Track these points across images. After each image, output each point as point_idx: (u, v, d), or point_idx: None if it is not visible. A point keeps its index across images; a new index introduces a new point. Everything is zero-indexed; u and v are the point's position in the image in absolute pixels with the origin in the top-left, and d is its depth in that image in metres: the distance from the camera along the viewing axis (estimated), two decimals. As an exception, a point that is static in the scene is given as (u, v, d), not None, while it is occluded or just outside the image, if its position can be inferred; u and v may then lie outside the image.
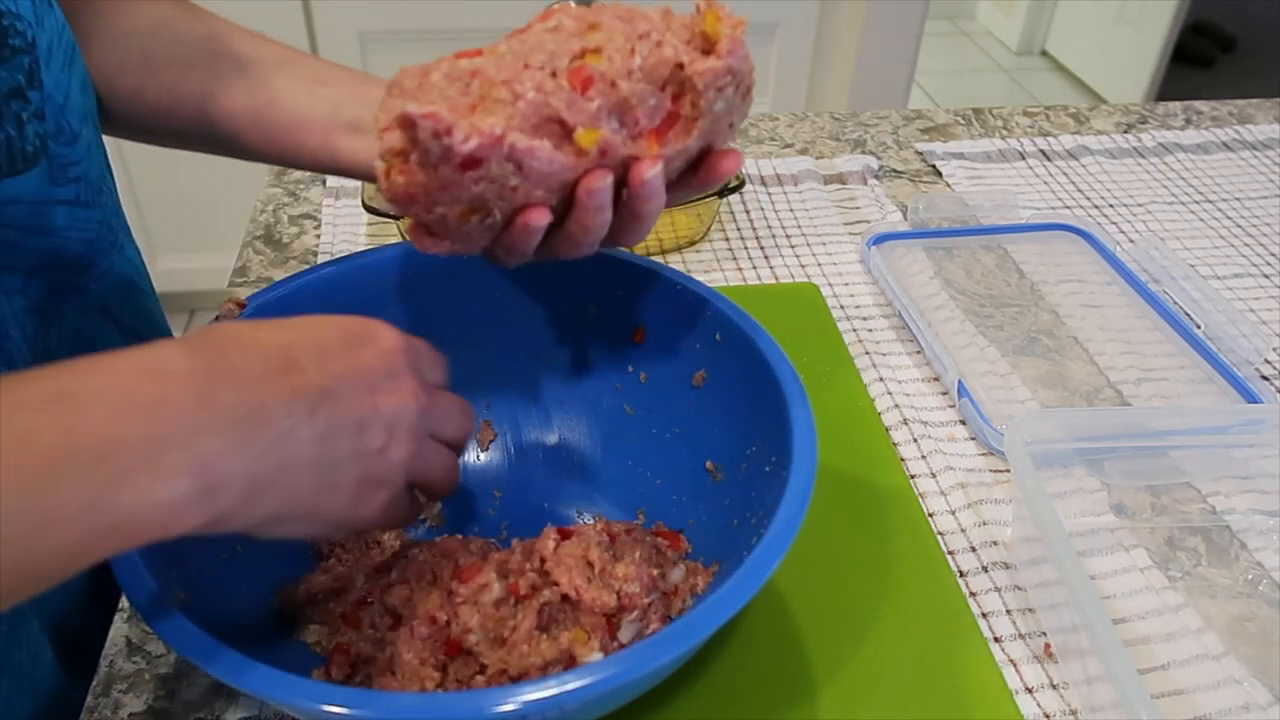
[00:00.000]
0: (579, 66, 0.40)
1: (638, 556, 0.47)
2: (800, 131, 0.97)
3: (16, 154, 0.43)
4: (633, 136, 0.41)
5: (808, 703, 0.47)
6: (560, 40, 0.41)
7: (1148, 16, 2.67)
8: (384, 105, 0.43)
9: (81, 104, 0.47)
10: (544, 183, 0.41)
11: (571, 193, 0.42)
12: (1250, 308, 0.75)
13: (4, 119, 0.42)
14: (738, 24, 0.41)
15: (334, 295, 0.51)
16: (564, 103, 0.40)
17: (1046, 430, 0.56)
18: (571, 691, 0.33)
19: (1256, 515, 0.57)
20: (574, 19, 0.42)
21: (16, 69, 0.42)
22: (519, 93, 0.39)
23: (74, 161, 0.47)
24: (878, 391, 0.65)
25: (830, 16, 1.66)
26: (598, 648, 0.44)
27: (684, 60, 0.41)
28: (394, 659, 0.43)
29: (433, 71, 0.42)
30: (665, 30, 0.42)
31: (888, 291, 0.72)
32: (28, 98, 0.43)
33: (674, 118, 0.42)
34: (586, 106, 0.40)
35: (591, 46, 0.41)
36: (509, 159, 0.39)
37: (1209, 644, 0.50)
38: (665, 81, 0.41)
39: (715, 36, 0.41)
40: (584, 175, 0.41)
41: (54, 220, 0.46)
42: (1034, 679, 0.49)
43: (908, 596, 0.52)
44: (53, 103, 0.45)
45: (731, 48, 0.41)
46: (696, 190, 0.45)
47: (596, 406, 0.55)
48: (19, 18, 0.43)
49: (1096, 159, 0.93)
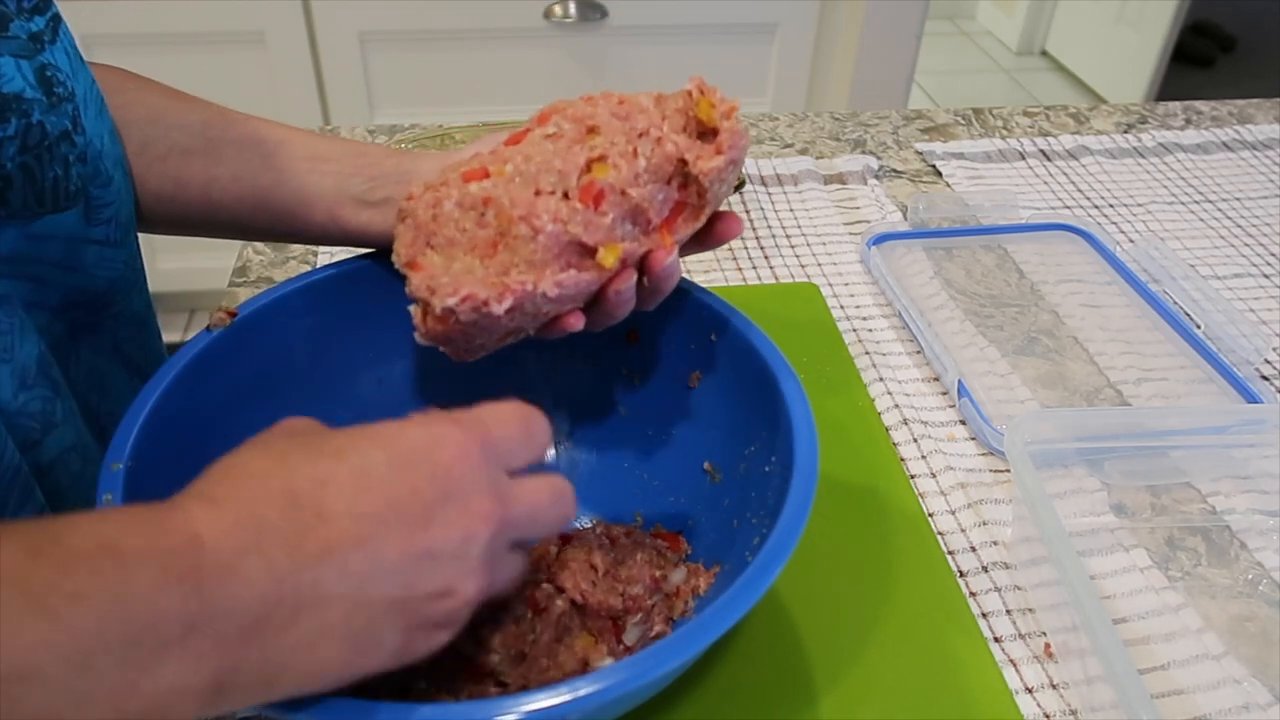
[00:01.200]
0: (589, 183, 0.42)
1: (639, 559, 0.47)
2: (800, 131, 0.97)
3: (61, 193, 0.44)
4: (646, 233, 0.43)
5: (807, 702, 0.47)
6: (563, 150, 0.43)
7: (1148, 16, 2.67)
8: (399, 236, 0.45)
9: (113, 151, 0.49)
10: (572, 300, 0.43)
11: (598, 291, 0.44)
12: (1250, 308, 0.75)
13: (55, 160, 0.43)
14: (731, 110, 0.43)
15: (326, 302, 0.51)
16: (581, 226, 0.41)
17: (1046, 430, 0.56)
18: (588, 696, 0.33)
19: (1256, 515, 0.57)
20: (571, 122, 0.44)
21: (64, 115, 0.44)
22: (538, 227, 0.41)
23: (108, 204, 0.48)
24: (878, 391, 0.65)
25: (830, 16, 1.65)
26: (607, 652, 0.44)
27: (686, 156, 0.43)
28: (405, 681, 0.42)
29: (444, 199, 0.43)
30: (661, 121, 0.43)
31: (888, 291, 0.72)
32: (74, 142, 0.45)
33: (682, 205, 0.44)
34: (602, 222, 0.42)
35: (596, 155, 0.42)
36: (541, 298, 0.41)
37: (1209, 644, 0.50)
38: (670, 175, 0.43)
39: (711, 123, 0.43)
40: (609, 280, 0.43)
41: (85, 258, 0.48)
42: (1034, 679, 0.49)
43: (908, 597, 0.52)
44: (92, 148, 0.47)
45: (732, 140, 0.42)
46: (699, 251, 0.48)
47: (590, 409, 0.55)
48: (59, 69, 0.45)
49: (1096, 159, 0.93)
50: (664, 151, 0.42)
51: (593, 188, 0.42)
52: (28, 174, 0.42)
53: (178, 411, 0.44)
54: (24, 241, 0.44)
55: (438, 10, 1.54)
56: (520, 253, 0.41)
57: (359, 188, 0.51)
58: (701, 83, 0.44)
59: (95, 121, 0.48)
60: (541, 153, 0.43)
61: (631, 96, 0.44)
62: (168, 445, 0.43)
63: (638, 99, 0.44)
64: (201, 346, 0.46)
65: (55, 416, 0.46)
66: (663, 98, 0.44)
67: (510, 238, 0.42)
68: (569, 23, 1.55)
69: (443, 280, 0.42)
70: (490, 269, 0.42)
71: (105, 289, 0.50)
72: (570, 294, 0.42)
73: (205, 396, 0.46)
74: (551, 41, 1.58)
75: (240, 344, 0.48)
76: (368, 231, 0.51)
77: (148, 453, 0.41)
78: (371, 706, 0.33)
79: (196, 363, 0.45)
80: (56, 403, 0.46)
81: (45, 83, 0.44)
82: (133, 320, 0.54)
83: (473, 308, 0.40)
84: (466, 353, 0.45)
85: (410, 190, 0.45)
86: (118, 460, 0.40)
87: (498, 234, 0.42)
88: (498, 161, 0.43)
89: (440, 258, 0.43)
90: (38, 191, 0.43)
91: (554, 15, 1.54)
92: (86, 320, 0.50)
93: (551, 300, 0.42)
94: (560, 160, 0.42)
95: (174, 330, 1.90)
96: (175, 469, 0.43)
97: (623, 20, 1.58)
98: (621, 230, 0.42)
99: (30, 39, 0.44)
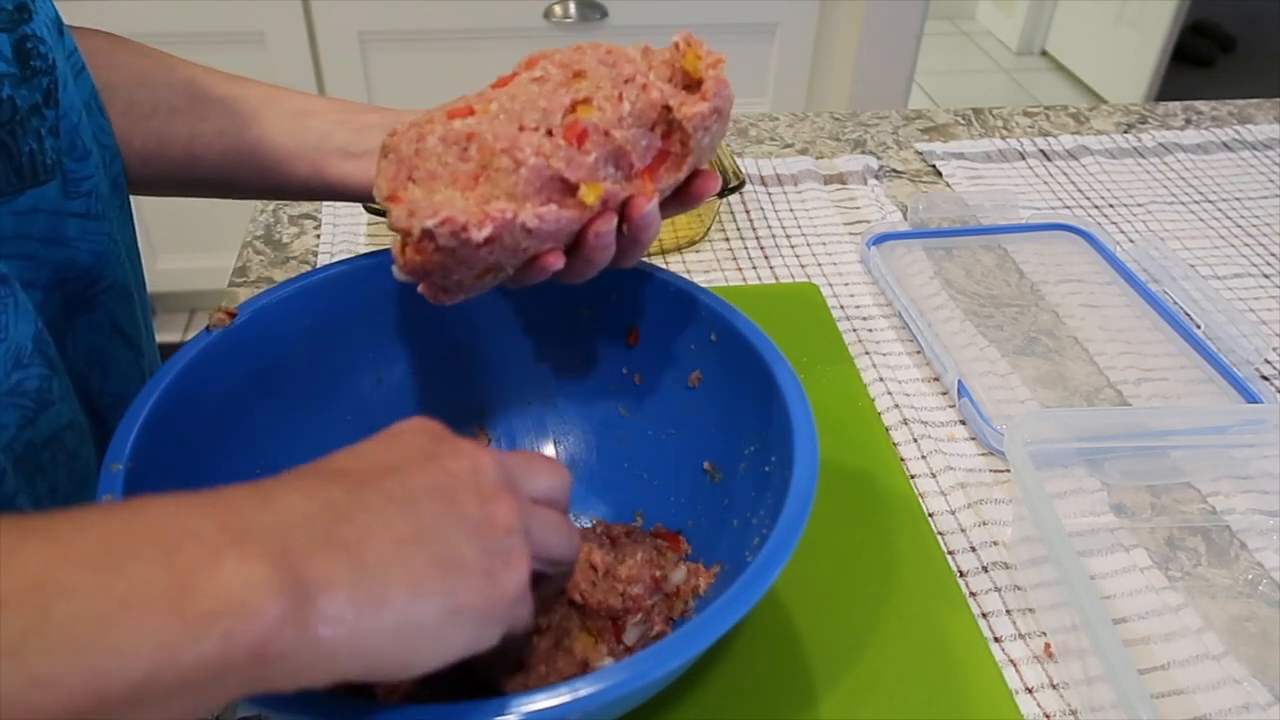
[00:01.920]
0: (573, 122, 0.42)
1: (639, 558, 0.47)
2: (800, 131, 0.97)
3: (39, 167, 0.45)
4: (628, 177, 0.43)
5: (807, 702, 0.47)
6: (549, 92, 0.43)
7: (1148, 16, 2.67)
8: (381, 170, 0.44)
9: (91, 123, 0.49)
10: (553, 238, 0.43)
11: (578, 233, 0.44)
12: (1250, 308, 0.75)
13: (28, 134, 0.44)
14: (717, 61, 0.43)
15: (326, 302, 0.51)
16: (564, 162, 0.41)
17: (1046, 430, 0.56)
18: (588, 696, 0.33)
19: (1256, 515, 0.57)
20: (559, 67, 0.44)
21: (36, 89, 0.44)
22: (520, 160, 0.41)
23: (86, 176, 0.48)
24: (878, 391, 0.65)
25: (830, 16, 1.66)
26: (607, 652, 0.44)
27: (671, 102, 0.43)
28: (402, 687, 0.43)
29: (428, 134, 0.43)
30: (648, 70, 0.44)
31: (888, 291, 0.72)
32: (44, 115, 0.45)
33: (665, 154, 0.44)
34: (585, 160, 0.42)
35: (581, 97, 0.43)
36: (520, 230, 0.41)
37: (1209, 644, 0.50)
38: (655, 122, 0.43)
39: (696, 74, 0.43)
40: (590, 221, 0.43)
41: (67, 232, 0.48)
42: (1034, 679, 0.49)
43: (908, 597, 0.52)
44: (67, 120, 0.47)
45: (716, 89, 0.43)
46: (679, 211, 0.48)
47: (591, 409, 0.55)
48: (41, 40, 0.45)
49: (1096, 159, 0.93)
50: (649, 98, 0.43)
51: (576, 126, 0.42)
52: (3, 149, 0.43)
53: (177, 412, 0.44)
54: (11, 219, 0.44)
55: (438, 10, 1.54)
56: (501, 185, 0.41)
57: (343, 139, 0.52)
58: (689, 35, 0.44)
59: (72, 93, 0.48)
60: (527, 93, 0.43)
61: (619, 47, 0.45)
62: (168, 445, 0.43)
63: (625, 50, 0.44)
64: (201, 346, 0.46)
65: (51, 394, 0.46)
66: (650, 50, 0.45)
67: (492, 170, 0.41)
68: (569, 23, 1.55)
69: (423, 205, 0.41)
70: (471, 200, 0.42)
71: (91, 263, 0.50)
72: (550, 229, 0.42)
73: (205, 397, 0.46)
74: (551, 41, 1.58)
75: (240, 344, 0.48)
76: (349, 183, 0.52)
77: (147, 453, 0.41)
78: (372, 707, 0.33)
79: (196, 363, 0.45)
80: (53, 380, 0.46)
81: (22, 55, 0.43)
82: (124, 295, 0.54)
83: (451, 232, 0.40)
84: (444, 292, 0.44)
85: (394, 128, 0.45)
86: (117, 461, 0.40)
87: (479, 167, 0.42)
88: (483, 101, 0.43)
89: (421, 191, 0.43)
90: (15, 165, 0.43)
91: (554, 15, 1.54)
92: (80, 296, 0.50)
93: (531, 234, 0.41)
94: (545, 100, 0.42)
95: (174, 330, 1.90)
96: (175, 469, 0.43)
97: (623, 20, 1.59)
98: (604, 171, 0.42)
99: (16, 10, 0.44)
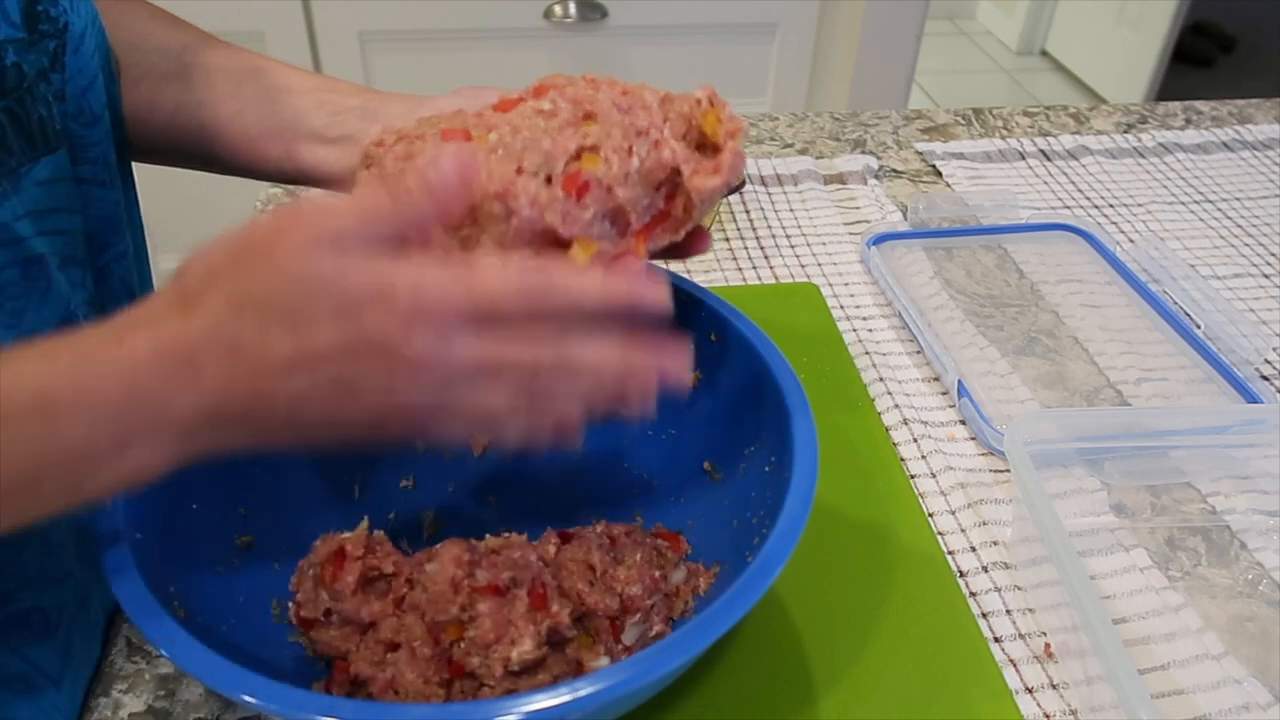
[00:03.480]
0: (575, 172, 0.39)
1: (639, 558, 0.47)
2: (800, 131, 0.97)
3: (50, 133, 0.43)
4: (621, 235, 0.41)
5: (808, 702, 0.47)
6: (554, 131, 0.39)
7: (1148, 17, 2.67)
8: (361, 182, 0.42)
9: (103, 90, 0.48)
10: None
11: None
12: (1250, 308, 0.75)
13: (36, 100, 0.42)
14: (736, 131, 0.40)
15: None
16: (559, 216, 0.38)
17: (1046, 430, 0.56)
18: (588, 696, 0.33)
19: (1256, 515, 0.57)
20: (570, 103, 0.40)
21: (43, 52, 0.43)
22: (514, 209, 0.38)
23: (95, 142, 0.47)
24: (878, 391, 0.65)
25: (830, 16, 1.65)
26: (603, 652, 0.44)
27: (683, 168, 0.40)
28: (395, 679, 0.43)
29: (416, 154, 0.40)
30: (663, 124, 0.40)
31: (888, 291, 0.72)
32: (50, 80, 0.43)
33: (664, 215, 0.41)
34: (581, 216, 0.39)
35: (588, 144, 0.39)
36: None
37: (1209, 644, 0.50)
38: (661, 183, 0.41)
39: (714, 138, 0.41)
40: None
41: (80, 199, 0.47)
42: (1034, 679, 0.49)
43: (908, 597, 0.52)
44: (75, 85, 0.45)
45: (733, 163, 0.40)
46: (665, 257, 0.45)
47: (591, 408, 0.55)
48: (54, 3, 0.43)
49: (1096, 159, 0.93)
50: (660, 157, 0.40)
51: (578, 178, 0.39)
52: (13, 117, 0.41)
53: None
54: (37, 190, 0.43)
55: (438, 10, 1.54)
56: (490, 231, 0.38)
57: (319, 122, 0.50)
58: (713, 94, 0.41)
59: (91, 58, 0.46)
60: (531, 128, 0.39)
61: (636, 88, 0.42)
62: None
63: (642, 93, 0.41)
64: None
65: None
66: (669, 98, 0.42)
67: (481, 212, 0.38)
68: (569, 23, 1.55)
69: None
70: (453, 241, 0.39)
71: (100, 229, 0.49)
72: None
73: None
74: (551, 41, 1.58)
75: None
76: (321, 170, 0.50)
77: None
78: (371, 706, 0.33)
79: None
80: None
81: (31, 18, 0.42)
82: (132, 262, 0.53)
83: None
84: None
85: (381, 136, 0.43)
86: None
87: (468, 206, 0.39)
88: (481, 127, 0.40)
89: None
90: (27, 133, 0.42)
91: (554, 15, 1.54)
92: (98, 267, 0.49)
93: None
94: (549, 141, 0.39)
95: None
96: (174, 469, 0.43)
97: (623, 20, 1.58)
98: (599, 229, 0.39)
99: None
